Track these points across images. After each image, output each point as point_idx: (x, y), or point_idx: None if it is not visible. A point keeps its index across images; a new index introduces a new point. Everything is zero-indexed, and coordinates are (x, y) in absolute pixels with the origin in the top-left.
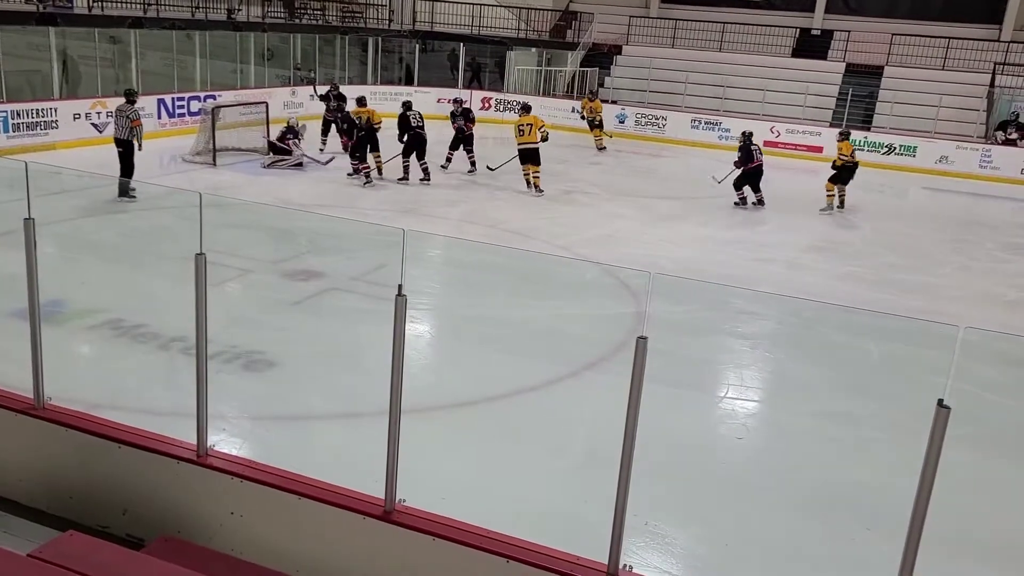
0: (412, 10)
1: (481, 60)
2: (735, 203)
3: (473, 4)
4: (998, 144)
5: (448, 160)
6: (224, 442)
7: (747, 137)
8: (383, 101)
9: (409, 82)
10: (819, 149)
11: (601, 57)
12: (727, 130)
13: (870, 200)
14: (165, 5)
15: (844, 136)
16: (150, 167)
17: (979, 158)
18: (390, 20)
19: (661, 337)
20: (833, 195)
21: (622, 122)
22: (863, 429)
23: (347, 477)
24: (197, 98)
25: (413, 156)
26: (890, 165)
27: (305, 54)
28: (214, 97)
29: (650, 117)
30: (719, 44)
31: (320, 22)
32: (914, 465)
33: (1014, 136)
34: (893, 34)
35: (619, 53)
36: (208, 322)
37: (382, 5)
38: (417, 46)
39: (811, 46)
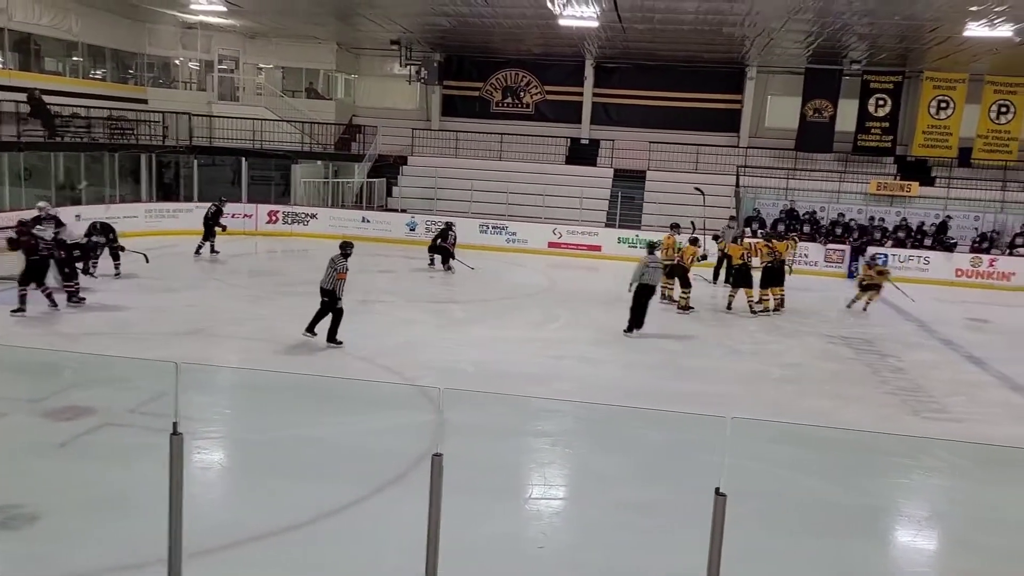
0: (188, 125)
1: (266, 173)
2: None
3: (253, 119)
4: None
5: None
6: None
7: (449, 225)
8: (160, 219)
9: (189, 198)
10: (598, 248)
11: (388, 168)
12: (513, 234)
13: None
14: None
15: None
16: None
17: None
18: (164, 136)
19: (464, 444)
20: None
21: (412, 229)
22: (664, 516)
23: None
24: None
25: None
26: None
27: (69, 172)
28: None
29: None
30: (499, 153)
31: (85, 140)
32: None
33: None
34: (651, 142)
35: (405, 163)
36: None
37: (154, 121)
38: (196, 161)
39: (582, 154)
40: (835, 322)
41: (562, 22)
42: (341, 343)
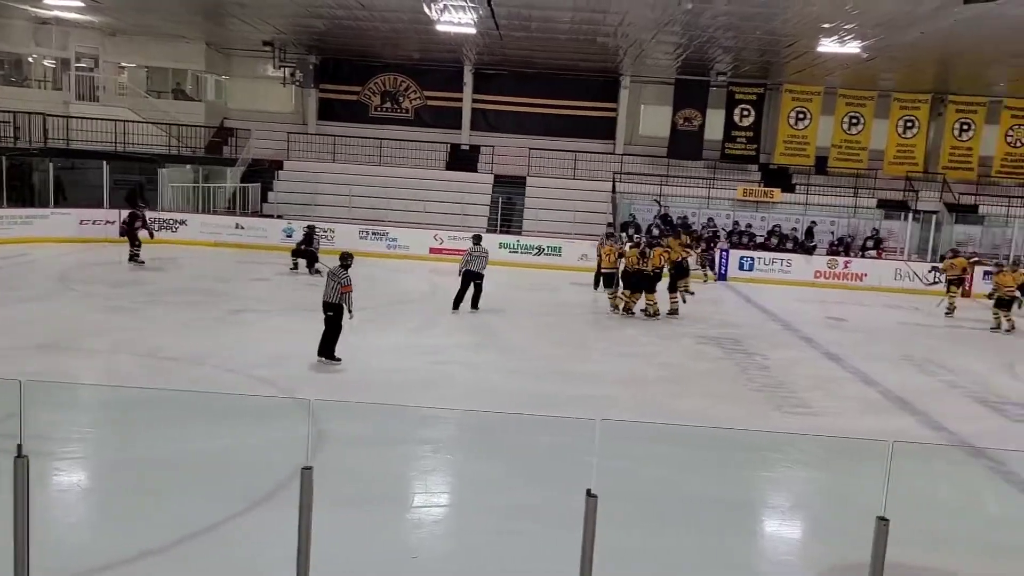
0: (42, 126)
1: (131, 178)
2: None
3: (115, 120)
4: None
5: None
6: None
7: (311, 228)
8: (11, 226)
9: (44, 203)
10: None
11: (262, 172)
12: (394, 239)
13: (529, 298)
14: None
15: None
16: None
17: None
18: (15, 137)
19: (344, 455)
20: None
21: (290, 236)
22: (544, 520)
23: None
24: None
25: None
26: (541, 264)
27: None
28: None
29: (319, 230)
30: (379, 158)
31: None
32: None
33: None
34: (531, 148)
35: (280, 168)
36: None
37: (4, 122)
38: (51, 165)
39: (462, 159)
40: (706, 323)
41: (440, 28)
42: (339, 360)
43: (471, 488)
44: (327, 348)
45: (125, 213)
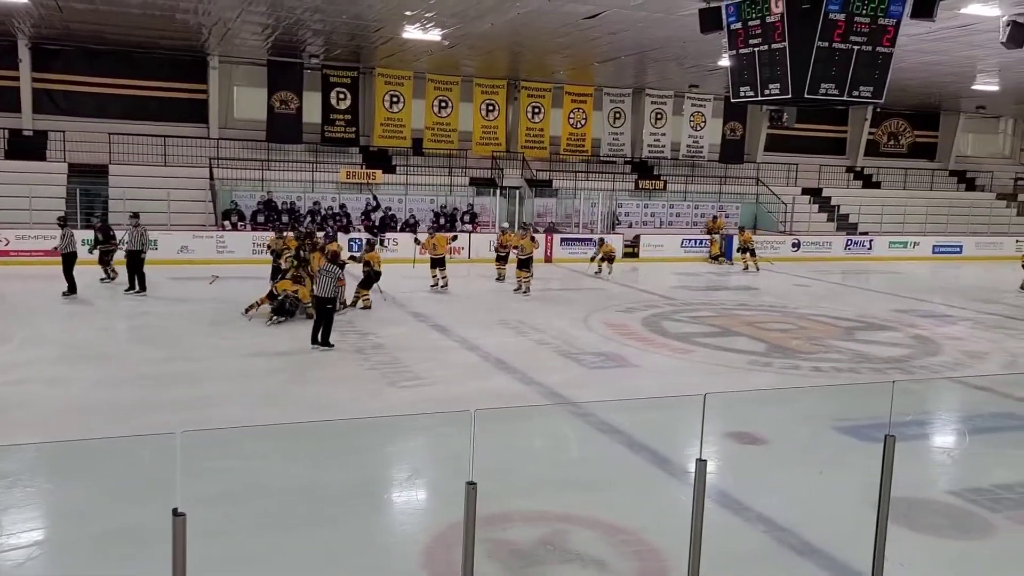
0: None
1: None
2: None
3: None
4: (228, 231)
5: None
6: None
7: None
8: None
9: None
10: (55, 253)
11: None
12: None
13: (122, 299)
14: None
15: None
16: None
17: (215, 244)
18: None
19: None
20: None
21: None
22: (143, 541)
23: None
24: None
25: None
26: None
27: None
28: None
29: None
30: None
31: None
32: None
33: (238, 222)
34: (111, 133)
35: None
36: None
37: None
38: None
39: (26, 147)
40: None
41: None
42: (333, 345)
43: (59, 520)
44: (324, 337)
45: None
